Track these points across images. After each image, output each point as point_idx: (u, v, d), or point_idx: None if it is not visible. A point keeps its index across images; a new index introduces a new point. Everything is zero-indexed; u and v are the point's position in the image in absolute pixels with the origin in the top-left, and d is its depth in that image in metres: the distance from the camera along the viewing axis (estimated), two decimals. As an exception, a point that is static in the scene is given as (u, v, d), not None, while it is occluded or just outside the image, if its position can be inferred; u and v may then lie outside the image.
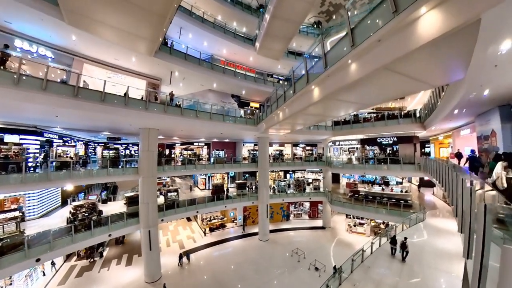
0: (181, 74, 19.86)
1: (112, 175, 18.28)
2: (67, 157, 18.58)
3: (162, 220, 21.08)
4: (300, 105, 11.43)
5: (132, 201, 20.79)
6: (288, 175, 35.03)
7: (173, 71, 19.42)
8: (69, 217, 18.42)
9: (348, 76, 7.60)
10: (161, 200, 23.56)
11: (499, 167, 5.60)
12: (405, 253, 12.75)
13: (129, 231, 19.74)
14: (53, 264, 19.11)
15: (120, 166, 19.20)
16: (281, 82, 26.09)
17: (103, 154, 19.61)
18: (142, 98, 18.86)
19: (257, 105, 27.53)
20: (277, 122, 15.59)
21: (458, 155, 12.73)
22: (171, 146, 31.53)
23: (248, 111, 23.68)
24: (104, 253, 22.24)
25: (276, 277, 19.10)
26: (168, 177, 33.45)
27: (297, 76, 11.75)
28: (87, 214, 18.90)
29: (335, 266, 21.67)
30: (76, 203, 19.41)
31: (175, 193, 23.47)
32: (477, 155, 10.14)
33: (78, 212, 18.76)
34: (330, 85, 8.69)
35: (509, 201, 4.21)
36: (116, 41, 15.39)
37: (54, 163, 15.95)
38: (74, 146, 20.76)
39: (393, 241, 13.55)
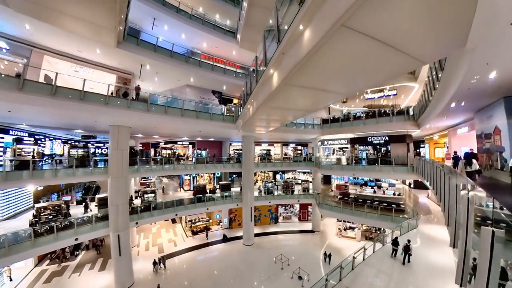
0: (153, 67, 17.69)
1: (79, 175, 16.35)
2: (28, 155, 16.58)
3: (137, 223, 19.19)
4: (263, 96, 9.16)
5: (103, 203, 18.73)
6: (278, 176, 32.69)
7: (143, 64, 17.27)
8: (31, 220, 16.48)
9: (303, 47, 5.31)
10: (138, 202, 21.51)
11: (460, 164, 7.55)
12: (407, 256, 11.83)
13: (98, 235, 17.82)
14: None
15: (89, 166, 17.16)
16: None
17: (70, 152, 17.51)
18: (112, 93, 17.09)
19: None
20: (249, 118, 13.33)
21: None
22: (156, 145, 29.49)
23: (233, 108, 21.42)
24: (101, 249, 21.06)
25: (256, 286, 16.93)
26: (158, 177, 31.58)
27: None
28: (51, 217, 16.96)
29: (325, 252, 20.51)
30: (40, 205, 17.45)
31: (152, 195, 21.33)
32: (459, 156, 10.39)
33: (41, 214, 16.80)
34: (287, 65, 6.41)
35: None
36: (71, 29, 13.30)
37: (13, 162, 14.09)
38: (37, 144, 18.76)
39: (394, 242, 12.64)
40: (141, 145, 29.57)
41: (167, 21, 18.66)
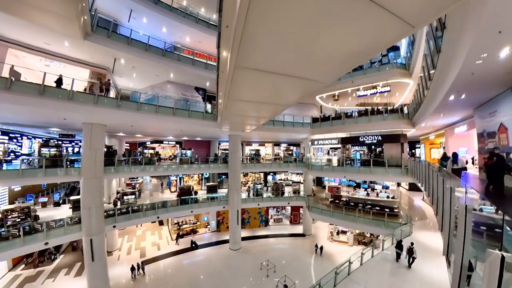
0: (128, 62, 16.04)
1: (49, 176, 14.84)
2: None
3: (114, 226, 17.70)
4: (225, 87, 7.49)
5: (78, 205, 17.18)
6: (270, 177, 30.90)
7: (117, 58, 15.64)
8: (-4, 223, 14.94)
9: (237, 7, 3.60)
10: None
11: (449, 163, 8.43)
12: (411, 259, 11.33)
13: (71, 239, 16.40)
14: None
15: (62, 166, 15.65)
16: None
17: (41, 151, 15.95)
18: (85, 89, 15.60)
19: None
20: (223, 114, 11.64)
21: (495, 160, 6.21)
22: (143, 145, 27.89)
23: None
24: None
25: (238, 295, 15.34)
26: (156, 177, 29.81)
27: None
28: (19, 220, 15.44)
29: (316, 244, 20.54)
30: (5, 207, 15.92)
31: (132, 196, 19.71)
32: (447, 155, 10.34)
33: (7, 217, 15.28)
34: (232, 40, 4.71)
35: None
36: (27, 17, 11.61)
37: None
38: (3, 143, 17.25)
39: (398, 246, 12.11)
40: (127, 145, 28.00)
41: (146, 14, 17.05)
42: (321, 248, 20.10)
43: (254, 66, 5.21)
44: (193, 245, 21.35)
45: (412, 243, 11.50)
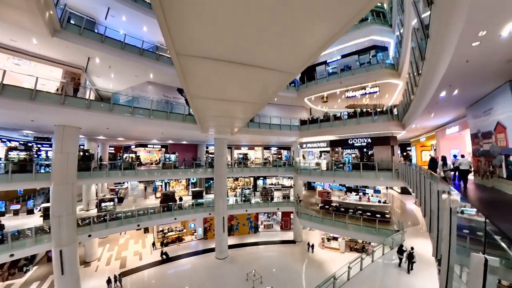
0: (104, 61, 14.85)
1: (16, 182, 13.49)
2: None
3: (90, 235, 16.20)
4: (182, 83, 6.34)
5: (49, 213, 15.71)
6: (260, 181, 29.60)
7: (91, 57, 14.45)
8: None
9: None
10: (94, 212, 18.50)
11: (439, 165, 8.80)
12: (411, 264, 11.09)
13: (40, 250, 14.97)
14: None
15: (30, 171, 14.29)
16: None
17: (8, 155, 14.58)
18: (57, 90, 14.38)
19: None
20: (195, 115, 10.50)
21: None
22: (128, 149, 26.44)
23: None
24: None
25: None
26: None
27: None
28: (-19, 229, 13.96)
29: (308, 243, 20.14)
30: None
31: (111, 203, 18.27)
32: (434, 157, 10.36)
33: (-31, 227, 13.79)
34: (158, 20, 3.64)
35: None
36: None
37: None
38: None
39: (400, 251, 11.83)
40: (112, 148, 26.57)
41: (124, 11, 15.99)
42: (312, 246, 20.43)
43: (196, 52, 4.11)
44: (163, 256, 19.53)
45: (412, 248, 11.22)
